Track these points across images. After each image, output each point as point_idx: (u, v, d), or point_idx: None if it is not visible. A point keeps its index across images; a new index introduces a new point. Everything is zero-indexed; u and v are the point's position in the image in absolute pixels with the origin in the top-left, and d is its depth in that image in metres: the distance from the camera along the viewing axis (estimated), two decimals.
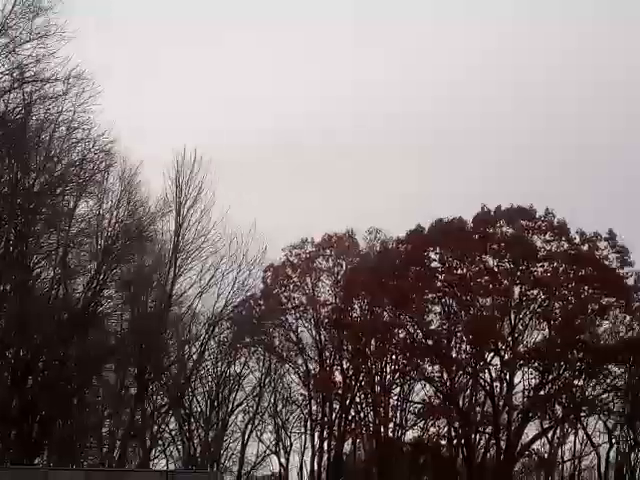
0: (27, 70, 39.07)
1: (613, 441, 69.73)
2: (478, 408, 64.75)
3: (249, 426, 63.31)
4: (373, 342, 65.19)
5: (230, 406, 61.45)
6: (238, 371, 62.02)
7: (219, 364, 59.93)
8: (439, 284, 62.17)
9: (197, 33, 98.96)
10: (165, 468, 56.18)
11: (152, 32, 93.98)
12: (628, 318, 62.43)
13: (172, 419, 58.45)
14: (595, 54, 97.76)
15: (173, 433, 60.01)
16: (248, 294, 58.45)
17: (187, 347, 56.44)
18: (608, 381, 62.97)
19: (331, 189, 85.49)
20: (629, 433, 68.42)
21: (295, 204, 78.21)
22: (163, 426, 57.28)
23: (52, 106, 40.82)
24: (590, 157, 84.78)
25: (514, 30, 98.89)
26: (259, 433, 65.43)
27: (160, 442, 58.51)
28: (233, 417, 62.41)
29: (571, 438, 72.76)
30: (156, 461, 58.20)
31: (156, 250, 51.44)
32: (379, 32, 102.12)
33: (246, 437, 63.18)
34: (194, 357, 56.69)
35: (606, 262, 61.92)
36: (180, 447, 60.41)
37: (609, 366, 62.37)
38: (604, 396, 63.78)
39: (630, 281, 62.26)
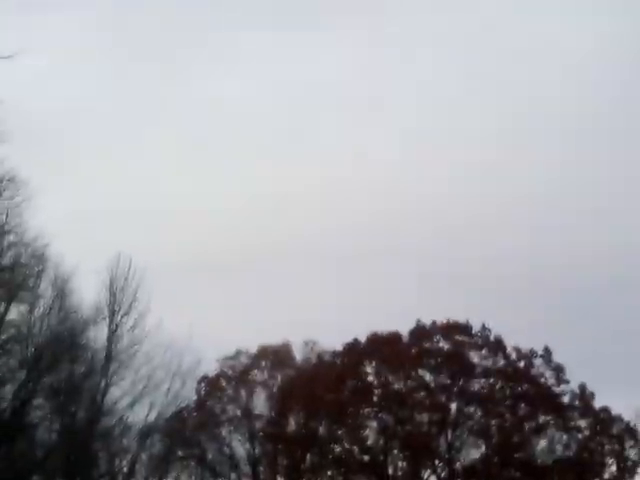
0: None
1: None
2: None
3: None
4: (308, 457, 64.15)
5: None
6: None
7: (150, 478, 58.28)
8: (375, 399, 61.55)
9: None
10: None
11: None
12: (565, 437, 62.11)
13: None
14: None
15: None
16: (181, 405, 57.18)
17: (117, 460, 54.93)
18: None
19: (267, 299, 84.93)
20: None
21: (231, 314, 77.42)
22: None
23: None
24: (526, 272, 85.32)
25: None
26: None
27: None
28: None
29: None
30: None
31: (88, 358, 50.35)
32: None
33: None
34: (124, 470, 55.07)
35: (542, 379, 61.95)
36: None
37: None
38: None
39: (566, 399, 62.23)
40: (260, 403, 65.31)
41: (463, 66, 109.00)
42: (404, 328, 62.54)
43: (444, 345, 62.24)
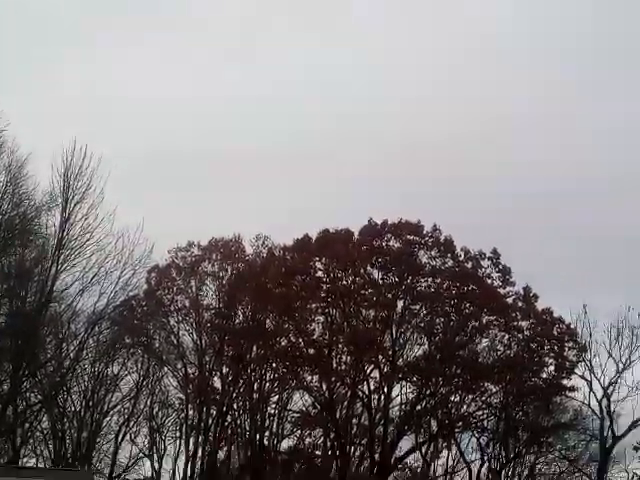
0: None
1: (485, 458, 70.83)
2: (355, 420, 64.86)
3: (123, 428, 62.29)
4: (254, 349, 64.94)
5: (105, 407, 60.33)
6: (116, 372, 61.05)
7: (97, 364, 58.69)
8: (323, 294, 62.14)
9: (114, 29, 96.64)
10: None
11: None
12: (507, 337, 63.25)
13: (45, 418, 57.20)
14: None
15: (45, 432, 58.63)
16: (131, 294, 57.33)
17: (65, 345, 55.27)
18: (484, 398, 63.90)
19: (220, 195, 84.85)
20: (501, 450, 69.52)
21: (184, 208, 77.33)
22: (35, 424, 56.06)
23: None
24: (479, 172, 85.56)
25: None
26: (133, 436, 64.49)
27: (31, 441, 57.23)
28: (108, 418, 61.27)
29: (444, 453, 73.78)
30: (26, 460, 56.93)
31: (39, 244, 50.29)
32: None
33: (120, 439, 62.22)
34: (71, 356, 55.45)
35: (488, 280, 62.81)
36: (51, 446, 59.04)
37: (486, 383, 63.21)
38: (479, 413, 64.80)
39: (510, 300, 63.24)
40: (209, 295, 65.77)
41: None
42: (356, 227, 63.08)
43: (394, 244, 62.68)
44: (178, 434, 66.26)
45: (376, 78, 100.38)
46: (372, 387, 62.07)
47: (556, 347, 63.29)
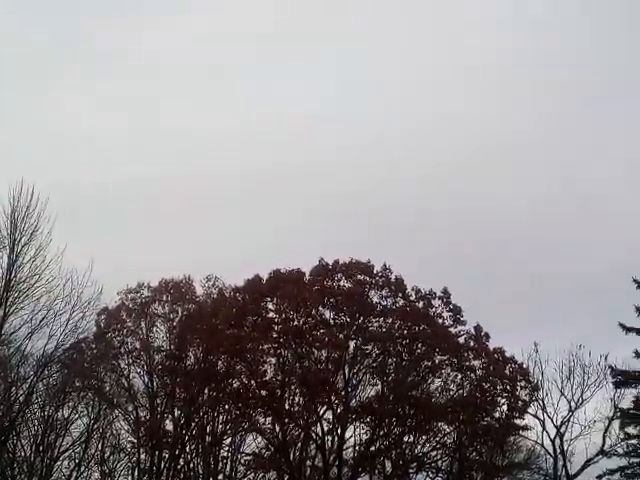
0: None
1: None
2: (309, 462, 64.45)
3: (74, 473, 61.54)
4: (206, 391, 64.50)
5: (56, 452, 59.69)
6: (66, 416, 60.39)
7: (47, 408, 58.04)
8: (275, 335, 61.90)
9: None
10: None
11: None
12: (459, 377, 63.30)
13: None
14: None
15: None
16: (81, 337, 56.67)
17: (14, 389, 54.48)
18: (437, 438, 63.81)
19: (169, 235, 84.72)
20: None
21: (132, 249, 77.08)
22: None
23: None
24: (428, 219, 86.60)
25: None
26: None
27: None
28: (58, 463, 60.66)
29: None
30: None
31: None
32: None
33: None
34: (20, 399, 54.65)
35: (439, 320, 62.91)
36: None
37: (439, 424, 63.14)
38: (433, 453, 64.65)
39: (462, 340, 63.36)
40: (160, 337, 65.38)
41: None
42: (307, 267, 63.03)
43: (345, 284, 62.69)
44: (130, 478, 65.62)
45: None
46: (325, 428, 61.63)
47: (508, 386, 63.41)
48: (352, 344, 61.98)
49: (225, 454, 65.94)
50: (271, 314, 62.58)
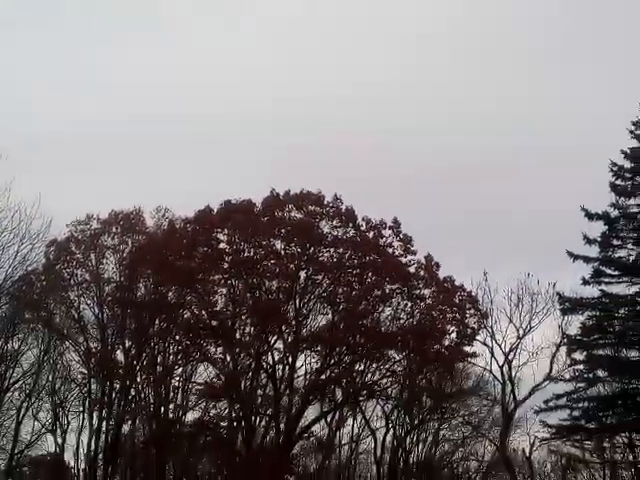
0: None
1: (390, 425, 71.66)
2: (260, 390, 64.85)
3: (25, 404, 61.67)
4: (157, 322, 64.53)
5: (6, 383, 59.75)
6: (16, 348, 60.28)
7: None
8: (226, 266, 61.79)
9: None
10: None
11: None
12: (409, 305, 63.58)
13: None
14: None
15: None
16: (29, 269, 56.39)
17: None
18: (387, 366, 64.29)
19: (121, 168, 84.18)
20: (405, 418, 70.35)
21: (85, 181, 76.50)
22: None
23: None
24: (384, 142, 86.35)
25: None
26: (35, 411, 63.91)
27: None
28: (9, 394, 60.75)
29: (350, 422, 74.52)
30: None
31: None
32: None
33: (21, 415, 61.57)
34: None
35: (390, 250, 62.96)
36: None
37: (389, 352, 63.57)
38: (383, 381, 65.17)
39: (412, 269, 63.53)
40: (110, 268, 65.12)
41: None
42: (258, 198, 62.70)
43: (296, 215, 62.48)
44: (81, 409, 66.11)
45: None
46: (276, 358, 62.10)
47: (458, 314, 63.64)
48: (303, 274, 61.96)
49: (176, 384, 66.41)
50: (222, 245, 62.27)
